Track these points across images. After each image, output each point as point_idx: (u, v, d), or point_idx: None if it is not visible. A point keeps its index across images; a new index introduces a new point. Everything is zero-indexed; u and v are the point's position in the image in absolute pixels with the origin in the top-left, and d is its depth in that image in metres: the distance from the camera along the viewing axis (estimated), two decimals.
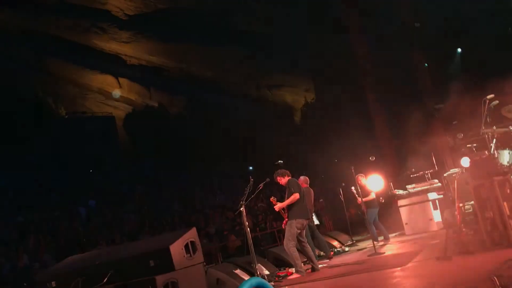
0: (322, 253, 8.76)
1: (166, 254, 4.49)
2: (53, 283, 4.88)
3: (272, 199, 7.58)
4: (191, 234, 4.93)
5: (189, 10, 25.49)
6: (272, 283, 6.76)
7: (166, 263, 4.46)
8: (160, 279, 4.25)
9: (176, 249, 4.57)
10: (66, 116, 29.05)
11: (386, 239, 9.55)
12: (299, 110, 27.48)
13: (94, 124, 27.82)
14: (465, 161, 8.24)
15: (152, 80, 30.23)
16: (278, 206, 7.45)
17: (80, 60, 28.79)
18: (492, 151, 7.06)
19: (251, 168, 23.88)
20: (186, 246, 4.75)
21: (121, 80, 30.40)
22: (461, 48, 14.42)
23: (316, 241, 8.66)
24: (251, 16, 24.56)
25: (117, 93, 28.82)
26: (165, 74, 30.04)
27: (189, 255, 4.74)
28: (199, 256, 4.92)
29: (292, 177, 7.57)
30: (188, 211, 16.65)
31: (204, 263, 5.12)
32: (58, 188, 20.37)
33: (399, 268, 5.92)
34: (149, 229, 14.23)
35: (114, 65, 29.47)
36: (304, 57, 23.44)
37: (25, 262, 11.28)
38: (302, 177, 8.90)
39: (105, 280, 4.54)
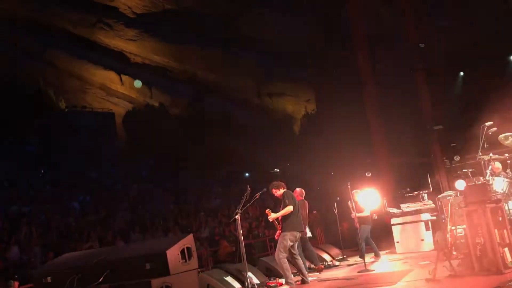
0: (313, 265, 8.83)
1: (162, 258, 4.58)
2: (49, 279, 4.95)
3: (267, 211, 7.64)
4: (188, 240, 5.02)
5: (197, 13, 25.67)
6: None
7: (161, 267, 4.55)
8: (155, 282, 4.34)
9: (173, 254, 4.66)
10: (66, 110, 29.07)
11: (377, 256, 9.62)
12: (299, 120, 27.59)
13: (93, 119, 27.85)
14: (460, 184, 8.36)
15: (154, 80, 30.32)
16: (271, 217, 7.52)
17: (84, 54, 28.86)
18: (487, 177, 7.19)
19: (247, 174, 23.93)
20: (182, 251, 4.84)
21: (124, 77, 30.48)
22: (463, 71, 14.62)
23: (307, 253, 8.73)
24: (258, 23, 24.72)
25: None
26: (167, 74, 30.14)
27: (184, 260, 4.83)
28: (194, 262, 5.01)
29: (287, 189, 7.64)
30: (182, 213, 16.67)
31: (198, 269, 5.20)
32: (53, 181, 20.37)
33: (388, 287, 6.00)
34: (141, 229, 14.25)
35: (118, 62, 29.56)
36: (307, 68, 23.61)
37: (15, 253, 11.30)
38: (298, 189, 8.99)
39: (101, 280, 4.61)
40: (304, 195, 9.01)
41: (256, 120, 27.59)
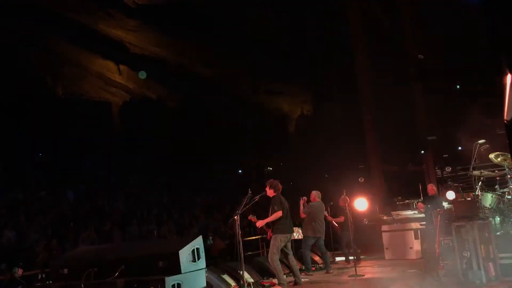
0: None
1: (175, 257, 4.92)
2: (65, 270, 5.23)
3: (250, 217, 7.91)
4: (198, 242, 5.36)
5: (199, 8, 25.77)
6: None
7: (174, 266, 4.88)
8: (169, 280, 4.66)
9: (184, 254, 5.00)
10: (63, 97, 29.03)
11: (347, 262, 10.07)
12: (294, 120, 27.88)
13: (89, 108, 27.87)
14: (450, 195, 8.75)
15: (152, 72, 30.37)
16: (259, 223, 7.76)
17: (83, 41, 28.77)
18: (476, 193, 7.56)
19: (240, 171, 24.20)
20: (193, 252, 5.18)
21: (122, 67, 30.48)
22: (459, 84, 15.00)
23: (321, 254, 9.21)
24: (260, 22, 24.90)
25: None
26: (165, 67, 30.22)
27: (194, 260, 5.16)
28: (202, 262, 5.34)
29: (280, 193, 7.85)
30: (176, 207, 16.90)
31: (206, 269, 5.53)
32: (47, 169, 20.43)
33: None
34: (138, 221, 14.45)
35: (116, 52, 29.55)
36: (307, 70, 23.87)
37: (12, 239, 11.47)
38: (314, 192, 9.34)
39: (116, 274, 4.90)
40: (320, 197, 9.33)
41: (251, 117, 27.82)
